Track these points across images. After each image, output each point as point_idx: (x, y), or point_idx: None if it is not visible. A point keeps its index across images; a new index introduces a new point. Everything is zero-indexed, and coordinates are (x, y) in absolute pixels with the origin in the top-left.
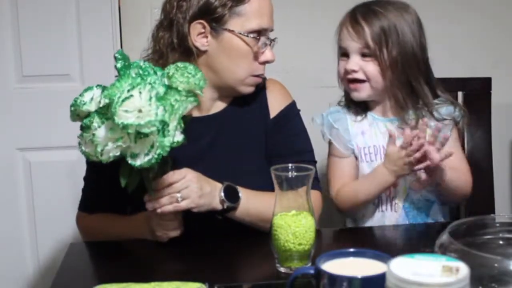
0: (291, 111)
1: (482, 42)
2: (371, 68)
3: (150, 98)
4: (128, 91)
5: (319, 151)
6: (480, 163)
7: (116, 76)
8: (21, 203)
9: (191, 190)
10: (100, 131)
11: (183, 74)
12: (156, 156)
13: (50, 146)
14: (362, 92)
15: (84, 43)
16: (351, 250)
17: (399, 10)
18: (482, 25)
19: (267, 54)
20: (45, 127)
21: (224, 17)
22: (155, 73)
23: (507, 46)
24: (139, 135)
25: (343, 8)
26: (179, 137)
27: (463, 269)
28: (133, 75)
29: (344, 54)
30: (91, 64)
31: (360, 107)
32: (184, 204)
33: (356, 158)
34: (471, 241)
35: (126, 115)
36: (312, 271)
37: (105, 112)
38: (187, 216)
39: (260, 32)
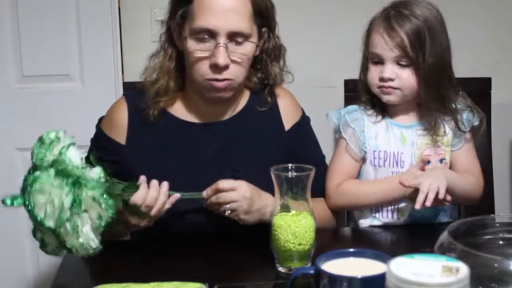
0: (306, 121)
1: (482, 42)
2: (407, 75)
3: (43, 187)
4: (30, 207)
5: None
6: (480, 163)
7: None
8: None
9: (239, 205)
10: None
11: (39, 152)
12: (104, 194)
13: None
14: (393, 96)
15: (84, 43)
16: (351, 250)
17: (428, 12)
18: (482, 25)
19: (215, 57)
20: (45, 127)
21: (181, 21)
22: (31, 173)
23: (507, 46)
24: (77, 208)
25: (343, 8)
26: (97, 171)
27: (463, 269)
28: (24, 195)
29: (377, 60)
30: (91, 64)
31: (379, 109)
32: (231, 217)
33: (364, 160)
34: (471, 241)
35: (50, 215)
36: (312, 271)
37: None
38: (187, 217)
39: (209, 33)
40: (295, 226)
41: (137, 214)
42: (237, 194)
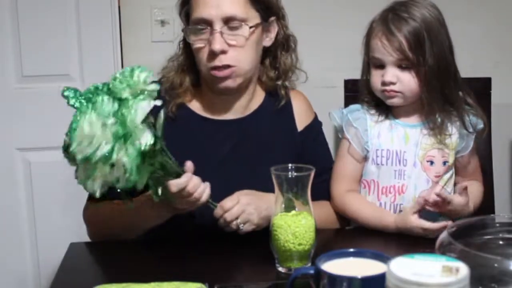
0: (318, 125)
1: (482, 42)
2: (408, 78)
3: (96, 121)
4: (74, 123)
5: None
6: (480, 163)
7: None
8: (21, 203)
9: (249, 213)
10: (79, 172)
11: (121, 81)
12: (134, 167)
13: (50, 146)
14: (397, 99)
15: (84, 43)
16: (351, 250)
17: (427, 12)
18: (482, 25)
19: (211, 44)
20: (45, 127)
21: (186, 20)
22: (103, 91)
23: (507, 46)
24: (106, 160)
25: (343, 8)
26: (147, 139)
27: (463, 269)
28: (81, 103)
29: (378, 65)
30: (91, 64)
31: (381, 109)
32: (246, 229)
33: (366, 159)
34: (471, 241)
35: (82, 148)
36: (312, 271)
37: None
38: (187, 217)
39: (205, 23)
40: (295, 226)
41: (165, 196)
42: (240, 205)
